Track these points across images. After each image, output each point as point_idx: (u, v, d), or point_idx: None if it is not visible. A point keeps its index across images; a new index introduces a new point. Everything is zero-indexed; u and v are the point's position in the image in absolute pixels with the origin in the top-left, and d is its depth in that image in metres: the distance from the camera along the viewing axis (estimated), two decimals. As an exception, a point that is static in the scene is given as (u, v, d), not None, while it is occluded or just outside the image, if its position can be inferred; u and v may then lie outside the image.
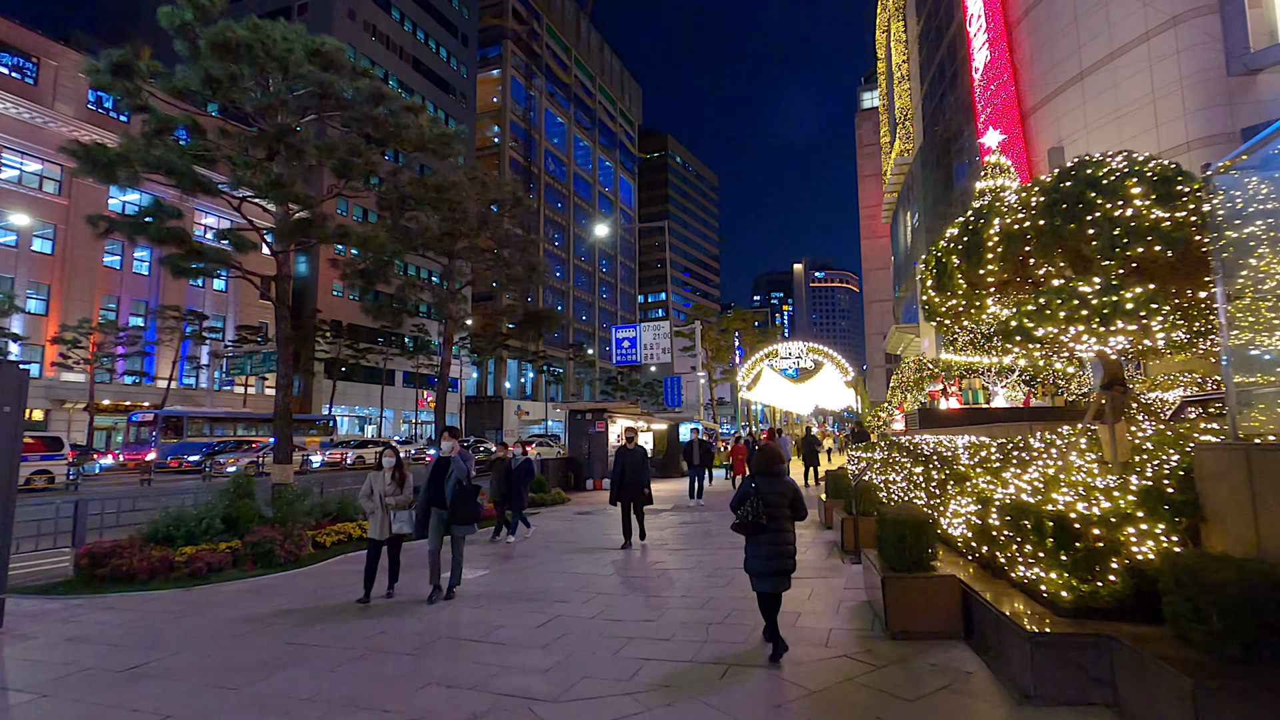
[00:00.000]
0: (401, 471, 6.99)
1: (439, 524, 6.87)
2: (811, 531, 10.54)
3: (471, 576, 7.86)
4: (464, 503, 6.79)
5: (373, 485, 6.95)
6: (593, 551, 9.70)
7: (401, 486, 6.91)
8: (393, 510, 6.83)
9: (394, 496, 6.86)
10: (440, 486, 6.81)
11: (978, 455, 6.29)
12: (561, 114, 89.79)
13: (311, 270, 50.33)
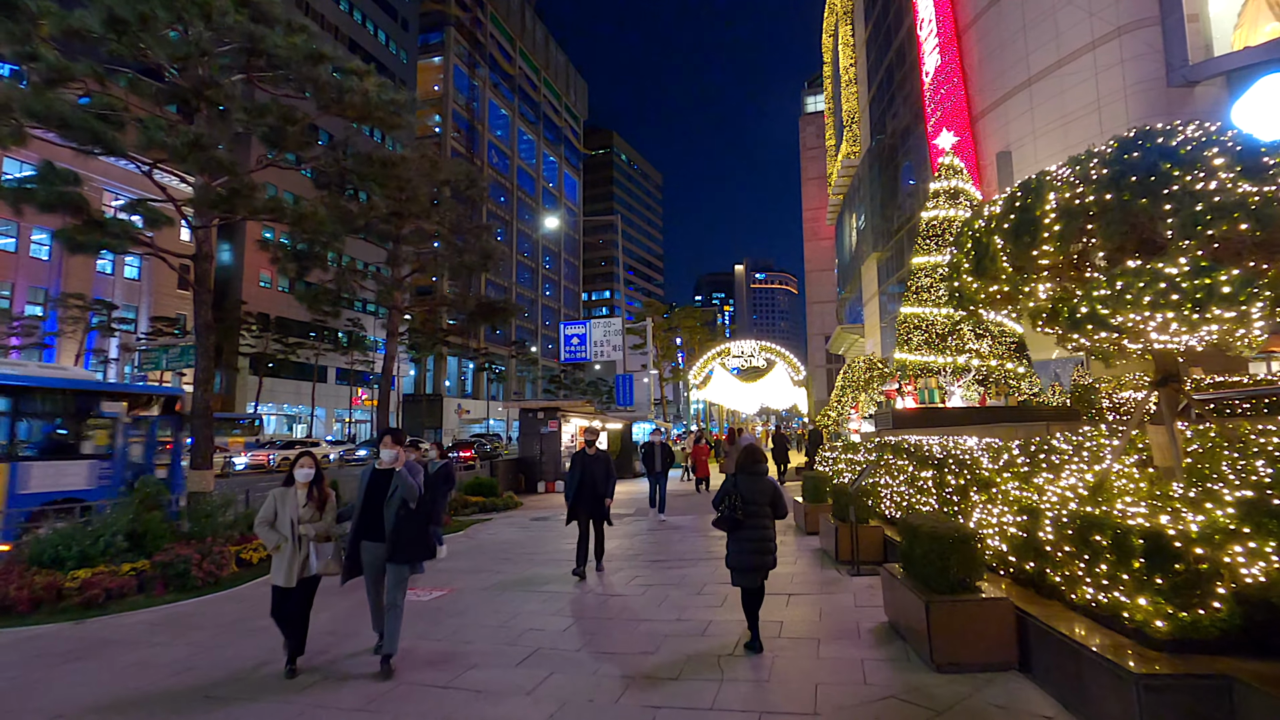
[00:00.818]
0: (322, 489, 5.05)
1: (376, 564, 5.01)
2: (791, 537, 9.93)
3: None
4: (411, 534, 4.92)
5: (278, 507, 4.89)
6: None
7: (322, 510, 4.99)
8: (310, 543, 4.84)
9: (311, 524, 4.88)
10: (378, 511, 4.96)
11: (1001, 458, 5.74)
12: (505, 106, 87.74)
13: (236, 259, 47.23)
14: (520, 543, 10.72)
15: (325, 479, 5.17)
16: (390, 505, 4.92)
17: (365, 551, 5.04)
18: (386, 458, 5.12)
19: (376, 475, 5.08)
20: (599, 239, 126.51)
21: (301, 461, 5.05)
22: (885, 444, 8.49)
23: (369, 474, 5.12)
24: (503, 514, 14.87)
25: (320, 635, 5.58)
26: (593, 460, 8.11)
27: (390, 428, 5.00)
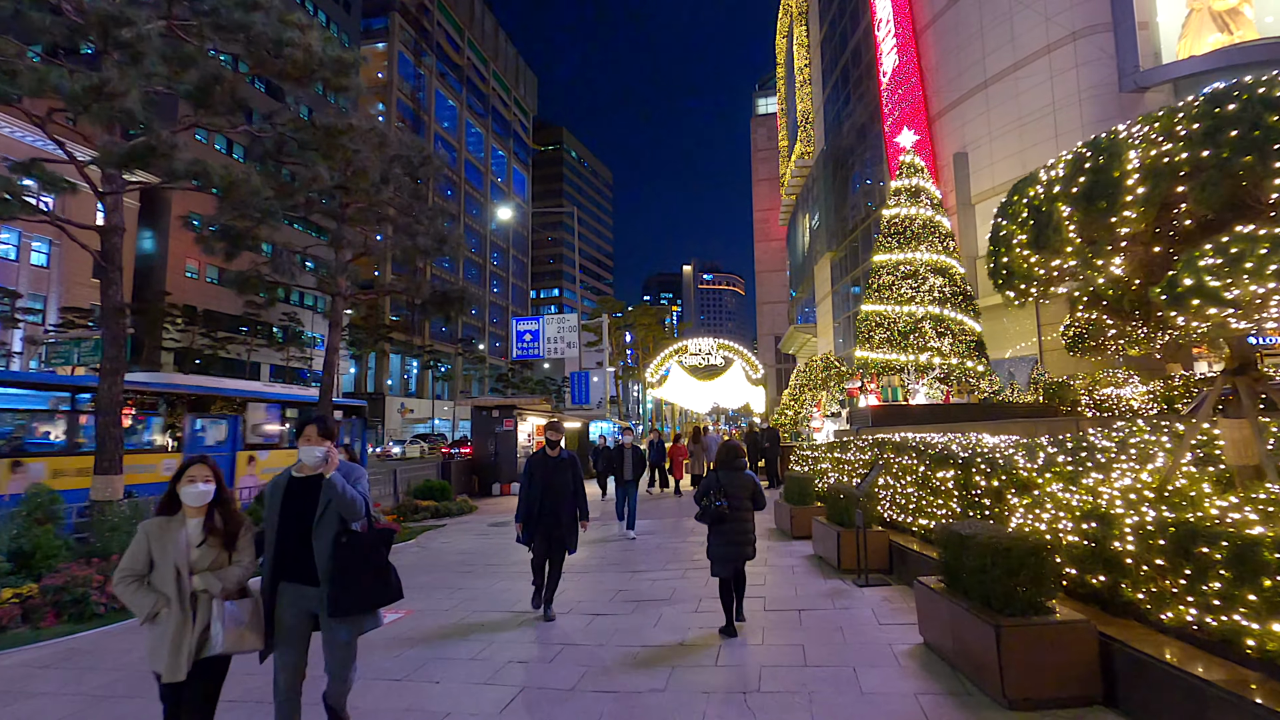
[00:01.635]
0: (230, 516, 3.19)
1: (299, 621, 3.33)
2: (777, 542, 9.28)
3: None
4: (359, 570, 3.28)
5: (153, 550, 3.01)
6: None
7: (230, 548, 3.15)
8: (213, 604, 3.02)
9: (212, 574, 3.06)
10: (301, 539, 3.31)
11: (1039, 457, 5.17)
12: (453, 97, 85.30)
13: (160, 247, 44.07)
14: (480, 551, 9.74)
15: (232, 498, 3.27)
16: (321, 530, 3.28)
17: (283, 601, 3.29)
18: (310, 459, 3.36)
19: (295, 486, 3.38)
20: (548, 236, 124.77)
21: (191, 473, 3.08)
22: (884, 442, 7.90)
23: (282, 484, 3.42)
24: (456, 519, 13.81)
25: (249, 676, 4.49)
26: (556, 467, 6.00)
27: (315, 416, 3.47)
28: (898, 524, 7.41)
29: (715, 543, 5.35)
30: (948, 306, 19.01)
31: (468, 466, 18.36)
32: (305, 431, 3.42)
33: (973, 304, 19.31)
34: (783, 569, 7.52)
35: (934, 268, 19.48)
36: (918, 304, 19.17)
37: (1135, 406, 10.57)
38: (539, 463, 6.09)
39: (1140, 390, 10.44)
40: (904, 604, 5.83)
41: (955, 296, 19.12)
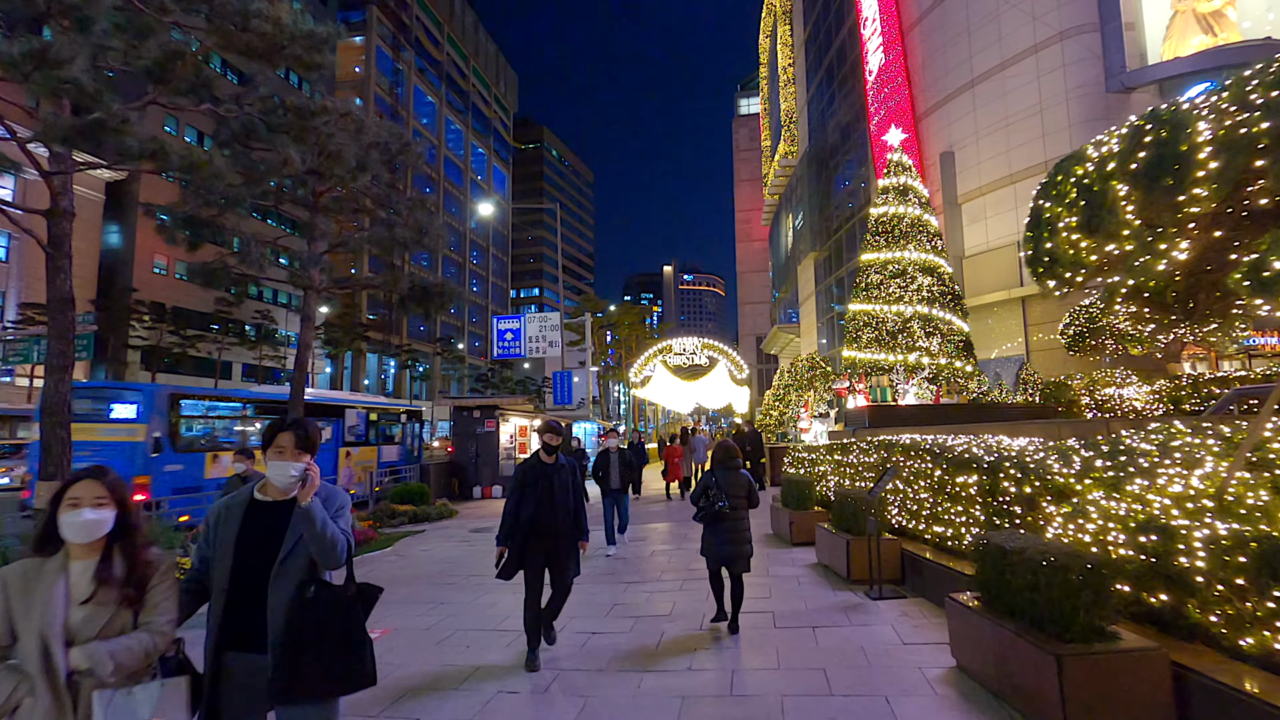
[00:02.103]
0: (136, 556, 2.18)
1: (250, 701, 2.38)
2: (776, 549, 8.84)
3: None
4: (319, 641, 2.37)
5: (12, 608, 2.00)
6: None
7: (135, 604, 2.13)
8: (97, 697, 1.96)
9: (101, 643, 2.00)
10: (257, 590, 2.39)
11: (1074, 461, 4.78)
12: (432, 93, 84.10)
13: (126, 241, 42.67)
14: (462, 560, 9.18)
15: (143, 530, 2.24)
16: (284, 577, 2.38)
17: (229, 681, 2.37)
18: (282, 479, 2.43)
19: (255, 515, 2.50)
20: (528, 235, 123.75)
21: (75, 493, 2.10)
22: (892, 444, 7.49)
23: (238, 510, 2.51)
24: (436, 524, 13.21)
25: None
26: (554, 475, 4.95)
27: (290, 420, 2.54)
28: (907, 530, 7.01)
29: (712, 542, 5.47)
30: (936, 306, 18.79)
31: (447, 469, 17.73)
32: (277, 441, 2.45)
33: (961, 304, 19.12)
34: (787, 579, 7.08)
35: (922, 267, 19.25)
36: (906, 303, 18.93)
37: (1138, 407, 10.31)
38: (534, 472, 4.95)
39: (1144, 390, 10.18)
40: (924, 619, 5.41)
41: (944, 296, 18.91)
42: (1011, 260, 23.28)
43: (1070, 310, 12.10)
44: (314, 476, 2.44)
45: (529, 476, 4.97)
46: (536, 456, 5.06)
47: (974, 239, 24.80)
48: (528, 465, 5.05)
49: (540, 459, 5.04)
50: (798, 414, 24.10)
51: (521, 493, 4.93)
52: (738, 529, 5.44)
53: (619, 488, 9.81)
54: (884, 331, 19.07)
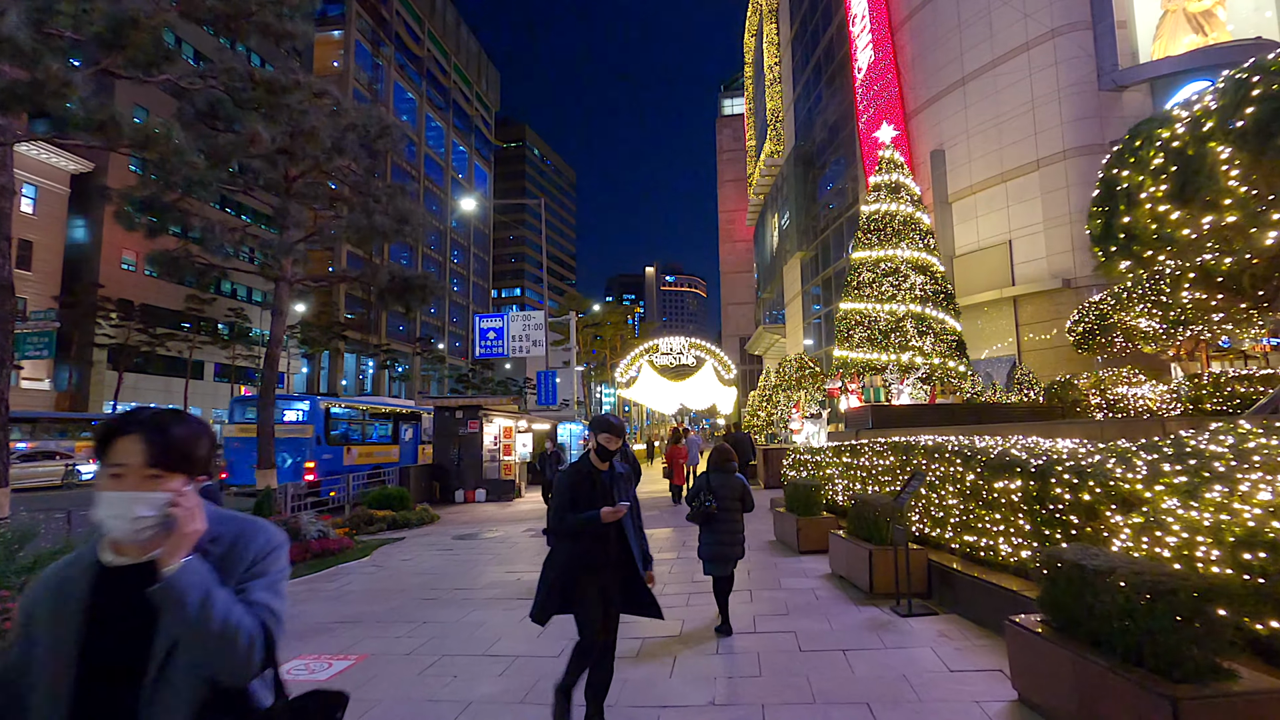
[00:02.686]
0: None
1: None
2: (782, 558, 8.29)
3: None
4: None
5: None
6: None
7: None
8: None
9: None
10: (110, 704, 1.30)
11: (1138, 466, 4.28)
12: (412, 89, 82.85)
13: (93, 236, 41.21)
14: (445, 571, 8.52)
15: None
16: (161, 702, 1.30)
17: None
18: (120, 524, 1.33)
19: (108, 592, 1.37)
20: (509, 235, 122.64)
21: None
22: (911, 447, 6.98)
23: (78, 590, 1.37)
24: (417, 530, 12.52)
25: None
26: (614, 487, 3.76)
27: (133, 418, 1.35)
28: (930, 539, 6.50)
29: (706, 543, 5.59)
30: (929, 305, 18.46)
31: (428, 472, 17.00)
32: (112, 453, 1.36)
33: (954, 303, 18.81)
34: (803, 593, 6.53)
35: (915, 265, 18.91)
36: (899, 302, 18.57)
37: (1151, 406, 9.93)
38: (586, 482, 3.72)
39: (1160, 389, 9.80)
40: (966, 640, 4.89)
41: (936, 295, 18.60)
42: (1003, 259, 23.05)
43: (1079, 307, 11.72)
44: (185, 516, 1.34)
45: (580, 489, 3.72)
46: (587, 462, 3.80)
47: (965, 238, 24.56)
48: (578, 474, 3.77)
49: (592, 465, 3.78)
50: (789, 414, 23.67)
51: (571, 508, 3.69)
52: (730, 531, 5.55)
53: None
54: (876, 331, 18.71)
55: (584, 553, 3.66)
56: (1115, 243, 3.94)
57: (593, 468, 3.79)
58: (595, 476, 3.77)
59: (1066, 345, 21.34)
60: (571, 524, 3.62)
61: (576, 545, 3.67)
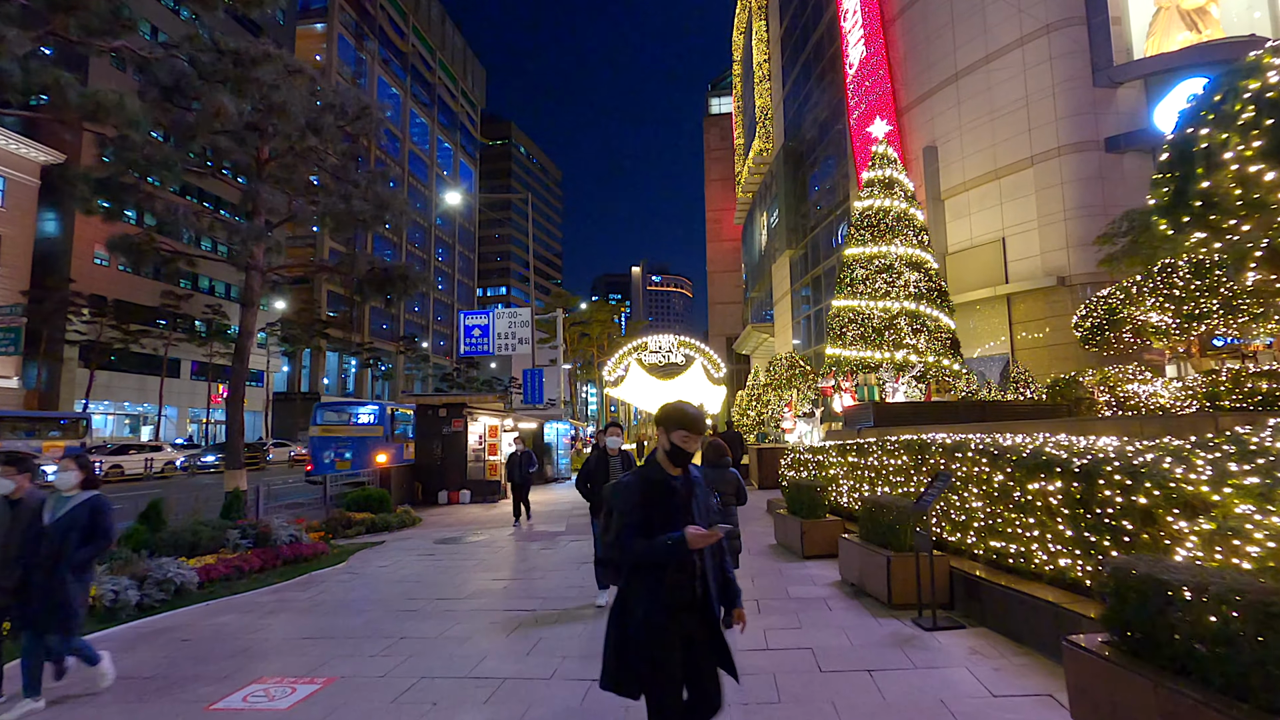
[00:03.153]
0: None
1: None
2: (788, 564, 7.82)
3: None
4: None
5: None
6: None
7: None
8: None
9: None
10: None
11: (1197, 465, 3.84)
12: (396, 85, 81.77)
13: (65, 230, 39.99)
14: (427, 579, 7.96)
15: None
16: None
17: None
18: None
19: None
20: (495, 234, 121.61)
21: None
22: (926, 445, 6.53)
23: None
24: (397, 533, 11.92)
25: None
26: (694, 500, 2.82)
27: None
28: (948, 545, 6.06)
29: None
30: (924, 303, 18.12)
31: (410, 472, 16.37)
32: None
33: (948, 300, 18.49)
34: (813, 603, 6.05)
35: (909, 262, 18.56)
36: (893, 299, 18.20)
37: (1165, 404, 9.58)
38: (660, 492, 2.75)
39: (1173, 386, 9.45)
40: (1003, 658, 4.43)
41: (931, 292, 18.26)
42: (996, 257, 22.81)
43: (1085, 302, 11.38)
44: None
45: (653, 505, 2.71)
46: (657, 469, 2.79)
47: (957, 235, 24.30)
48: (648, 484, 2.76)
49: (664, 472, 2.78)
50: (780, 414, 23.26)
51: (646, 530, 2.66)
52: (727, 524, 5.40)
53: None
54: (870, 328, 18.35)
55: (668, 591, 2.62)
56: (1189, 212, 3.48)
57: (665, 475, 2.75)
58: (671, 486, 2.76)
59: (1061, 344, 21.18)
60: (652, 551, 2.58)
61: (656, 582, 2.62)
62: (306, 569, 8.70)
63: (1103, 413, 10.57)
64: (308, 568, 8.75)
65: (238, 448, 9.96)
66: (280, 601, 7.09)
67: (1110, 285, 19.50)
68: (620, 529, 2.69)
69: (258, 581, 7.95)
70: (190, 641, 5.70)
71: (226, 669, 4.92)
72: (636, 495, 2.72)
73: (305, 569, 8.68)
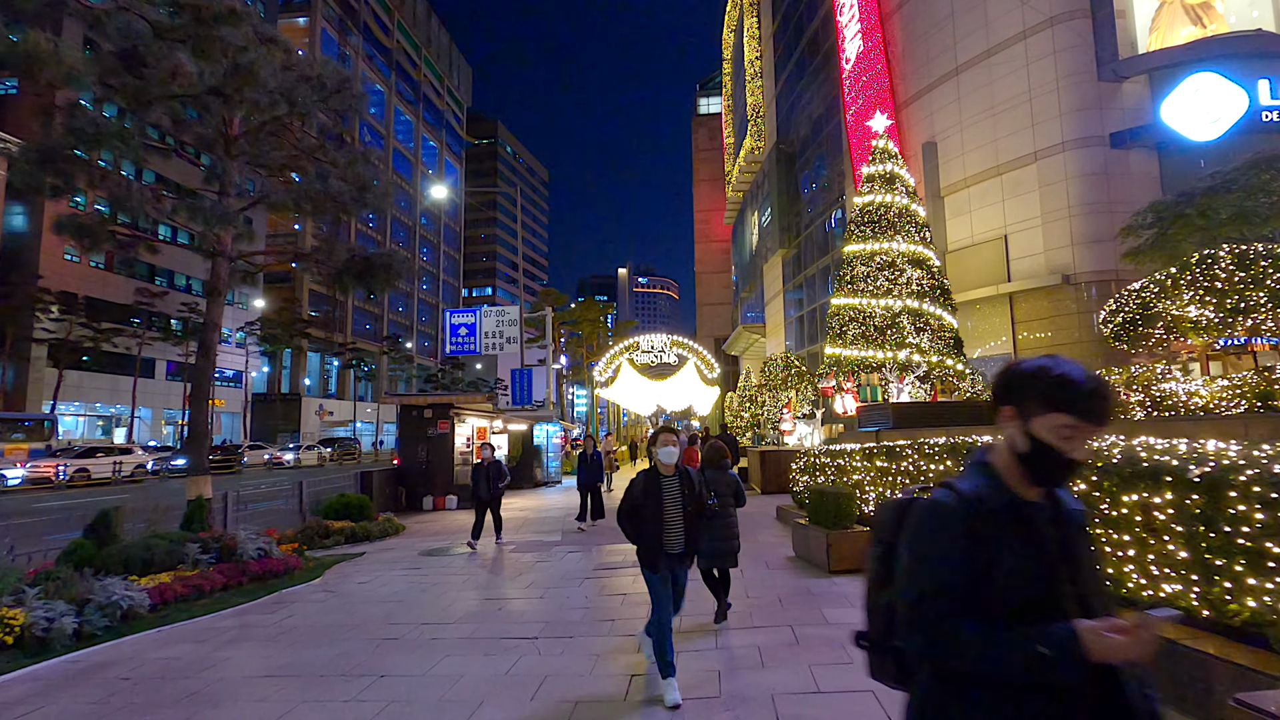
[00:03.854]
0: None
1: None
2: (815, 581, 7.07)
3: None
4: None
5: None
6: None
7: None
8: None
9: None
10: None
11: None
12: (381, 81, 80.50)
13: (33, 226, 38.49)
14: (411, 598, 7.12)
15: None
16: None
17: None
18: None
19: None
20: (481, 234, 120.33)
21: None
22: (974, 448, 5.80)
23: None
24: (379, 543, 11.06)
25: None
26: (1074, 549, 1.44)
27: None
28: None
29: (703, 539, 5.25)
30: (926, 300, 17.51)
31: (393, 477, 15.47)
32: None
33: (950, 299, 17.91)
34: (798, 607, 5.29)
35: (911, 258, 17.97)
36: (895, 297, 17.58)
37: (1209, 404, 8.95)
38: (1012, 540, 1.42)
39: (1218, 385, 8.83)
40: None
41: (933, 290, 17.67)
42: (998, 255, 22.29)
43: (1116, 295, 10.76)
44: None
45: (1006, 559, 1.41)
46: (1006, 491, 1.45)
47: (958, 233, 23.78)
48: (992, 519, 1.46)
49: (1015, 495, 1.47)
50: (779, 415, 22.58)
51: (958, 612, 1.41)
52: (726, 526, 5.57)
53: (681, 550, 4.46)
54: (871, 327, 17.71)
55: None
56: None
57: (1017, 501, 1.42)
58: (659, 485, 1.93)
59: (1066, 344, 20.68)
60: (1011, 659, 1.29)
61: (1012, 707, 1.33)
62: (276, 586, 7.82)
63: (1135, 414, 9.93)
64: (278, 585, 7.87)
65: (202, 450, 9.05)
66: (243, 628, 6.22)
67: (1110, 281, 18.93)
68: (935, 593, 1.37)
69: (220, 602, 7.08)
70: (131, 681, 4.84)
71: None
72: (959, 530, 1.39)
73: (275, 586, 7.81)
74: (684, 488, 4.45)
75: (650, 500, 4.36)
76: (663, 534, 4.32)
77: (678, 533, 4.37)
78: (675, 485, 4.44)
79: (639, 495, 4.39)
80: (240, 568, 7.81)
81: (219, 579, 7.42)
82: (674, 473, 4.50)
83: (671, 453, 4.51)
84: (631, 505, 4.43)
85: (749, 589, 6.69)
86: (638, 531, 4.37)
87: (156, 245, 9.19)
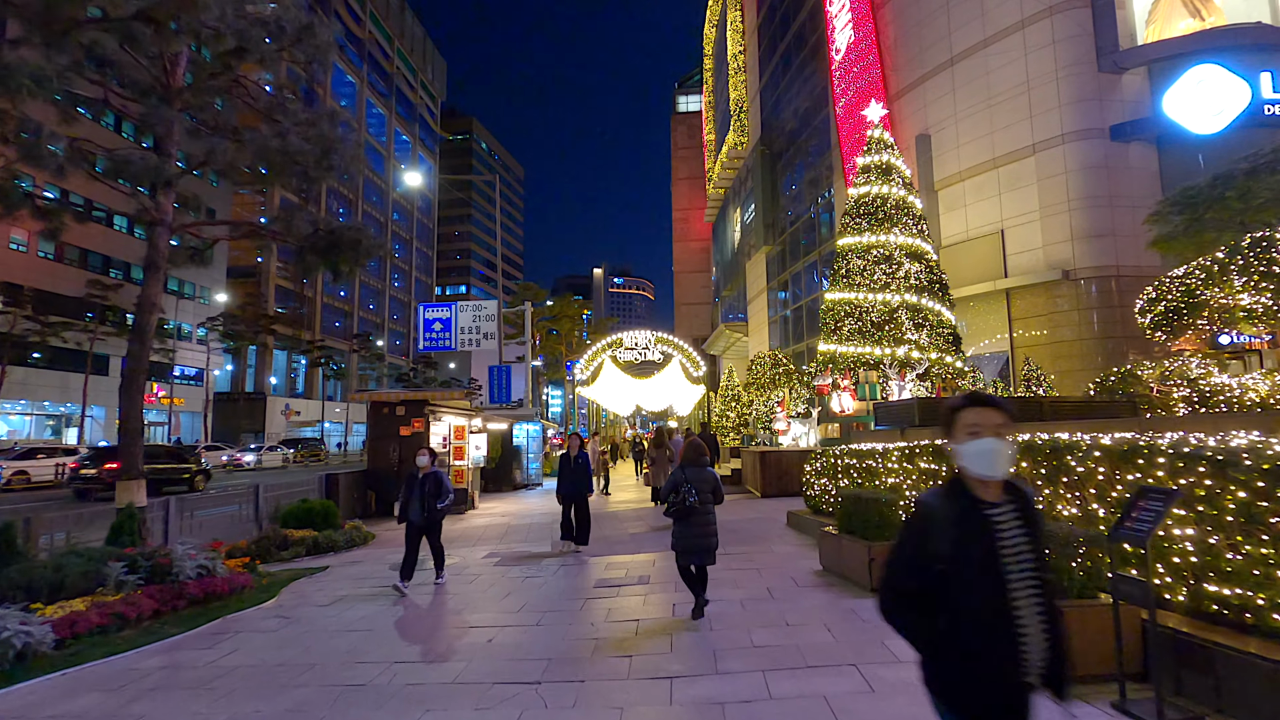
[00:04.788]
0: None
1: None
2: (856, 601, 6.07)
3: None
4: None
5: None
6: None
7: None
8: None
9: None
10: None
11: None
12: (353, 72, 78.31)
13: (-27, 211, 35.96)
14: (382, 626, 5.96)
15: None
16: None
17: None
18: None
19: None
20: (454, 230, 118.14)
21: None
22: (1059, 448, 4.87)
23: None
24: (345, 555, 9.86)
25: None
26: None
27: None
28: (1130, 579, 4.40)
29: (681, 535, 5.63)
30: (924, 295, 16.74)
31: (362, 480, 14.19)
32: None
33: (948, 294, 17.18)
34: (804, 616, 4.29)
35: (909, 252, 17.18)
36: (893, 291, 16.78)
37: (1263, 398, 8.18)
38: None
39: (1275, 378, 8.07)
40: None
41: (932, 285, 16.90)
42: (994, 250, 21.67)
43: (1155, 283, 9.98)
44: None
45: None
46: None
47: (952, 227, 23.14)
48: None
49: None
50: (772, 414, 21.70)
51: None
52: (704, 523, 5.60)
53: (1047, 673, 1.92)
54: (868, 322, 16.87)
55: None
56: None
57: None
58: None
59: (1066, 340, 20.13)
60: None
61: None
62: (220, 611, 6.61)
63: (1178, 410, 9.14)
64: (222, 609, 6.65)
65: (134, 451, 7.76)
66: (170, 669, 5.03)
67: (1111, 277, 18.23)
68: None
69: (147, 634, 5.86)
70: (5, 755, 3.65)
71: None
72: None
73: (218, 611, 6.60)
74: (1028, 527, 1.93)
75: (969, 559, 1.88)
76: (1015, 637, 1.84)
77: (1036, 632, 1.85)
78: (1015, 525, 1.92)
79: (944, 549, 1.89)
80: (176, 590, 6.58)
81: (148, 604, 6.19)
82: (1003, 497, 1.97)
83: (997, 452, 1.93)
84: (922, 576, 1.93)
85: (786, 614, 5.67)
86: (949, 633, 1.89)
87: (82, 212, 7.90)
